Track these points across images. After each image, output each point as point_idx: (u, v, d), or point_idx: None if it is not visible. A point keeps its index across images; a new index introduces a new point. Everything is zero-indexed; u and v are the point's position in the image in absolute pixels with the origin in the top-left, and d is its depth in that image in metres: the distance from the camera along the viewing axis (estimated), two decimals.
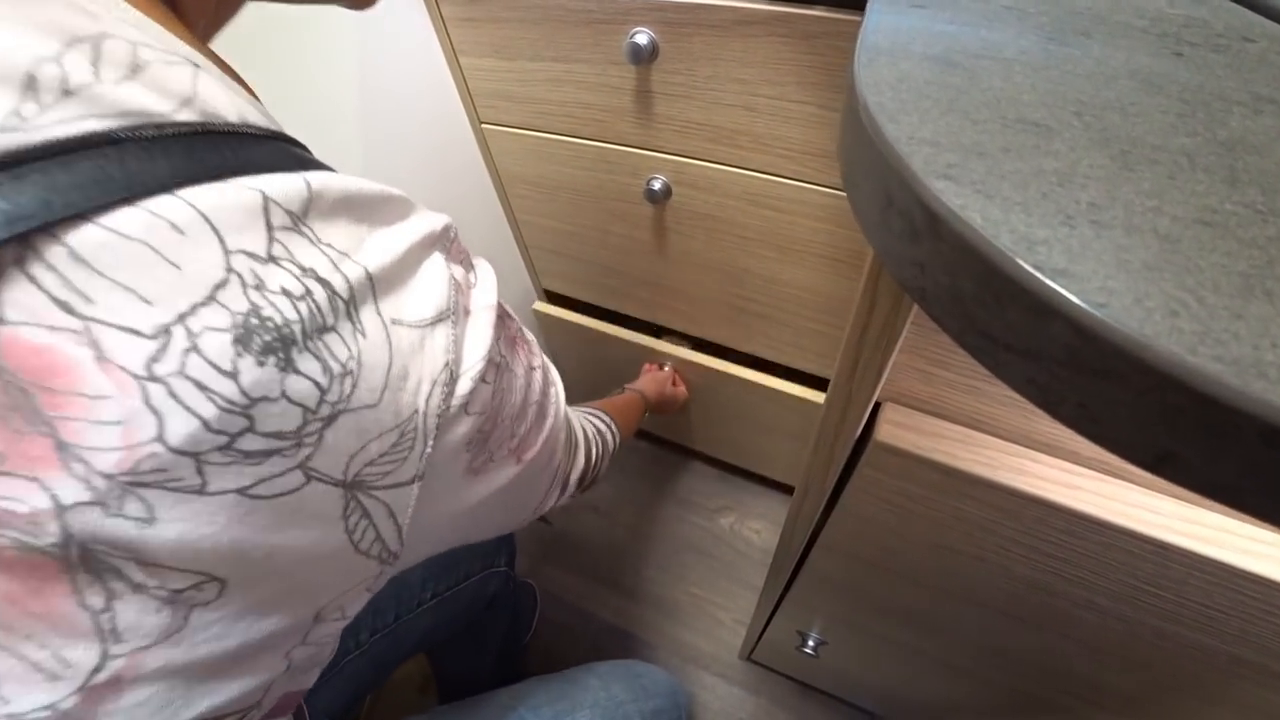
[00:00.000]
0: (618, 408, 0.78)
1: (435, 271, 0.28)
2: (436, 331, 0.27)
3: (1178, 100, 0.20)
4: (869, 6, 0.25)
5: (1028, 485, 0.32)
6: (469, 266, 0.33)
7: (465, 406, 0.29)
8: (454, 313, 0.28)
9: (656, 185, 0.79)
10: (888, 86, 0.20)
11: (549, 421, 0.41)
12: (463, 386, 0.29)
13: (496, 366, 0.32)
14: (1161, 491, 0.33)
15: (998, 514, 0.34)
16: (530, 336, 0.41)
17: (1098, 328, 0.13)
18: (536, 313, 1.17)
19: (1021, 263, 0.14)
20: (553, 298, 1.16)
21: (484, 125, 0.87)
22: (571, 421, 0.53)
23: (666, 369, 1.08)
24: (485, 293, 0.32)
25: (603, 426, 0.67)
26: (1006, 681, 0.61)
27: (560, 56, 0.73)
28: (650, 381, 1.02)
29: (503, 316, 0.34)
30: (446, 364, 0.28)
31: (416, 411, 0.27)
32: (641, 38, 0.65)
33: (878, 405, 0.35)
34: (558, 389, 0.44)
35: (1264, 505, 0.14)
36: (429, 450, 0.28)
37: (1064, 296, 0.13)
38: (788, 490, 1.28)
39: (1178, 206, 0.16)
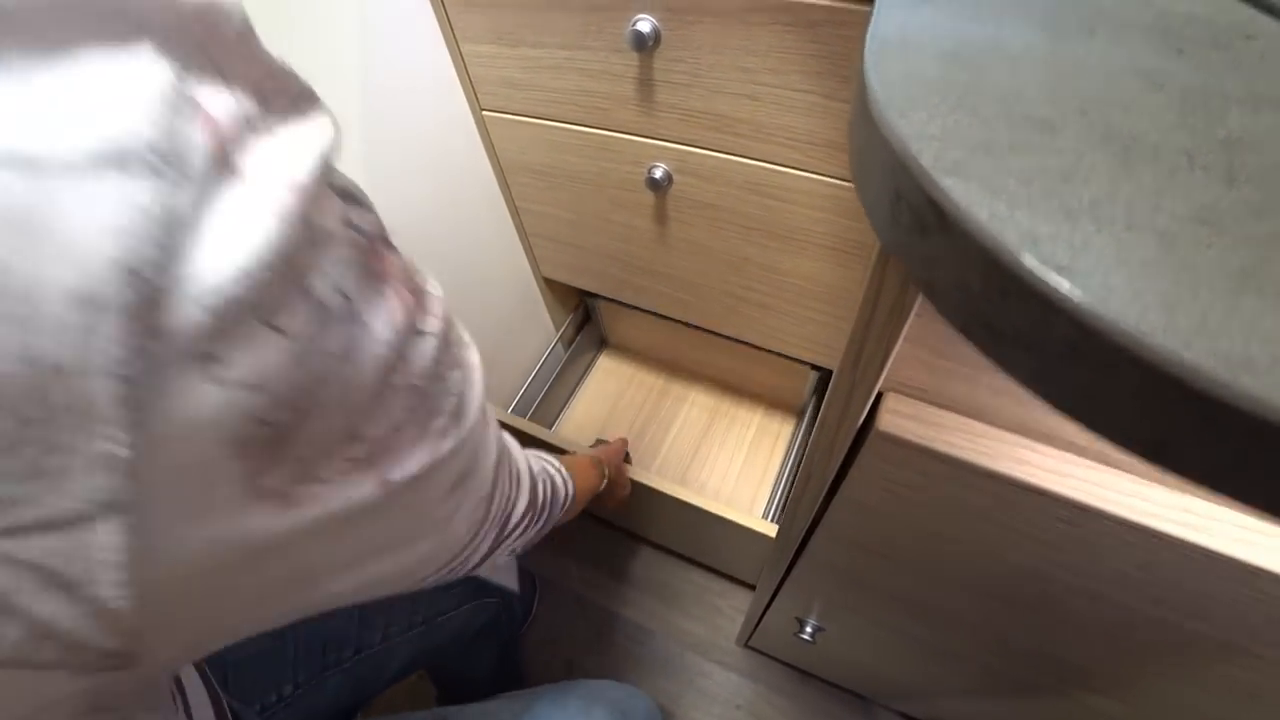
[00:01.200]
0: (572, 463, 0.63)
1: (117, 71, 0.14)
2: (93, 181, 0.13)
3: (1179, 98, 0.21)
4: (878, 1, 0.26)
5: (1025, 474, 0.33)
6: (276, 103, 0.18)
7: (207, 361, 0.15)
8: (167, 159, 0.14)
9: (658, 173, 0.79)
10: (897, 82, 0.20)
11: (440, 422, 0.25)
12: (186, 315, 0.15)
13: (308, 301, 0.18)
14: (1155, 481, 0.33)
15: (996, 502, 0.35)
16: (435, 288, 0.27)
17: (1097, 323, 0.14)
18: None
19: (1026, 259, 0.14)
20: (553, 286, 1.17)
21: (485, 112, 0.87)
22: (509, 447, 0.40)
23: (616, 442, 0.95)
24: (296, 158, 0.18)
25: (552, 469, 0.52)
26: (1002, 667, 0.62)
27: (563, 43, 0.73)
28: (607, 450, 0.85)
29: (358, 232, 0.21)
30: (126, 265, 0.13)
31: (57, 368, 0.13)
32: (644, 25, 0.65)
33: (880, 395, 0.36)
34: (470, 374, 0.29)
35: (1253, 493, 0.14)
36: (126, 451, 0.14)
37: (1066, 292, 0.14)
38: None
39: (1177, 204, 0.17)
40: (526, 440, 0.99)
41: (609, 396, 1.31)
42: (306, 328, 0.18)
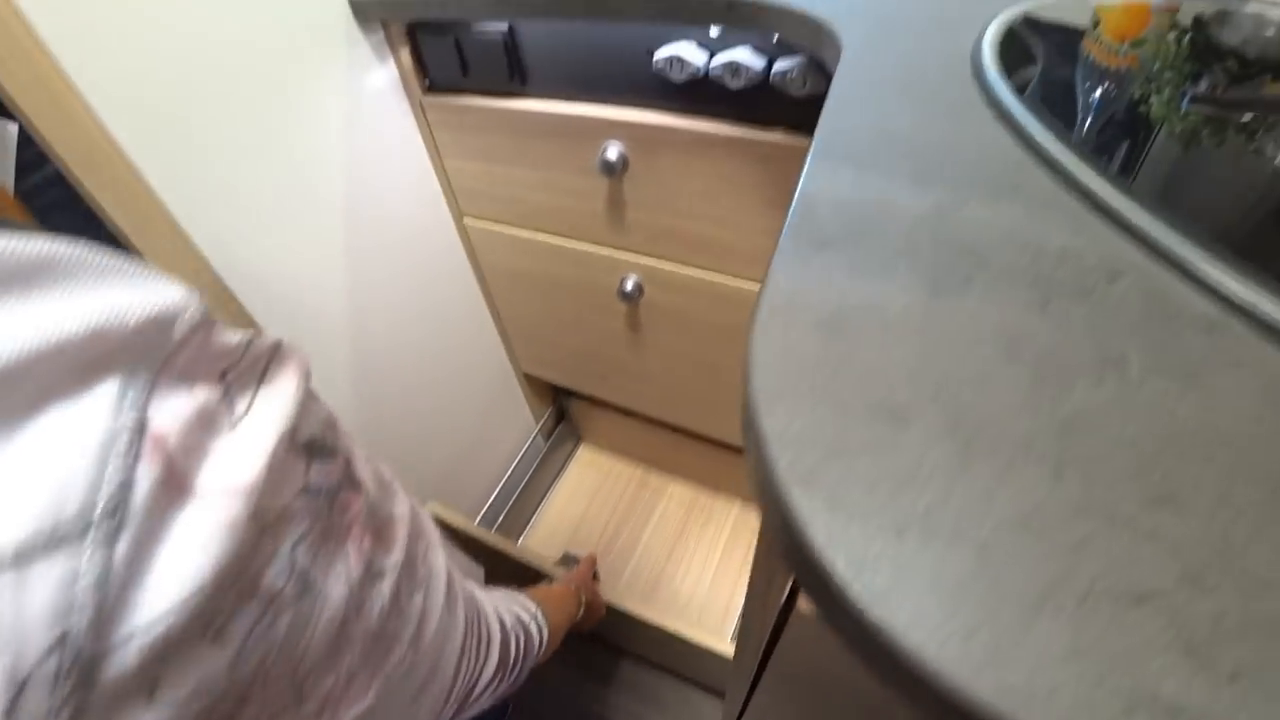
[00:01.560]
0: (549, 597, 0.64)
1: (62, 428, 0.14)
2: (29, 571, 0.14)
3: (1031, 370, 0.23)
4: (779, 246, 0.28)
5: None
6: (239, 381, 0.19)
7: (145, 689, 0.15)
8: (106, 514, 0.15)
9: (629, 285, 0.82)
10: (774, 361, 0.23)
11: (399, 652, 0.26)
12: (123, 662, 0.15)
13: (257, 598, 0.18)
14: None
15: None
16: (400, 505, 0.27)
17: (902, 653, 0.16)
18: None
19: (850, 592, 0.17)
20: (532, 381, 1.19)
21: (465, 219, 0.91)
22: (480, 606, 0.40)
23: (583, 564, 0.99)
24: (253, 448, 0.18)
25: (526, 616, 0.51)
26: None
27: (538, 164, 0.77)
28: (580, 574, 0.89)
29: (318, 495, 0.21)
30: (61, 640, 0.14)
31: None
32: (612, 152, 0.69)
33: None
34: (434, 582, 0.29)
35: None
36: None
37: (877, 621, 0.16)
38: None
39: (1003, 506, 0.19)
40: (494, 556, 1.00)
41: (587, 491, 1.32)
42: (254, 625, 0.18)
